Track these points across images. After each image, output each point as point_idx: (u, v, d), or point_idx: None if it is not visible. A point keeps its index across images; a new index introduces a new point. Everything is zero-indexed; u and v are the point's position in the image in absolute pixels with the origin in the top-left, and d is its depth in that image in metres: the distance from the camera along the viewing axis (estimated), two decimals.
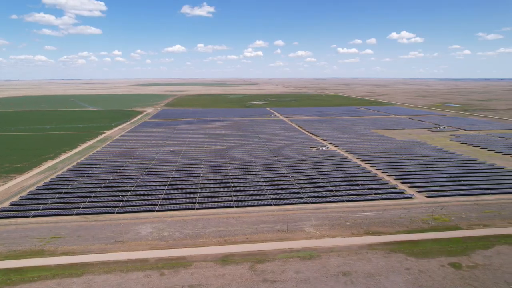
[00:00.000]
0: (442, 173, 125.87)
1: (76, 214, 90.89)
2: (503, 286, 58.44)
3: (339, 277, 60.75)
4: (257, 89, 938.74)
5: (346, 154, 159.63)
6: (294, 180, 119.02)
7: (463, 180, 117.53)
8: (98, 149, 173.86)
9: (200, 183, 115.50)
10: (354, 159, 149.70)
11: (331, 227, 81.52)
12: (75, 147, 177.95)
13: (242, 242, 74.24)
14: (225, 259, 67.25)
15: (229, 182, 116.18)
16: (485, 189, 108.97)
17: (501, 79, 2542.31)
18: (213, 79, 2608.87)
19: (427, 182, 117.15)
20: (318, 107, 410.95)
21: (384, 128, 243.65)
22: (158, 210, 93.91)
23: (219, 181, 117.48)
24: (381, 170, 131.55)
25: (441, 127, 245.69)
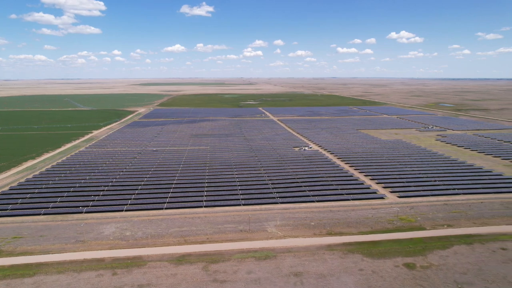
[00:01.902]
0: (419, 173, 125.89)
1: (44, 214, 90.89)
2: (452, 286, 58.47)
3: (290, 278, 60.76)
4: (254, 89, 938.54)
5: (327, 154, 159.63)
6: (269, 180, 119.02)
7: (439, 180, 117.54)
8: (82, 149, 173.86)
9: (175, 183, 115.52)
10: (335, 159, 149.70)
11: (294, 227, 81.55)
12: (59, 147, 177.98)
13: (202, 242, 74.28)
14: (181, 259, 67.29)
15: (204, 182, 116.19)
16: (458, 189, 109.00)
17: (500, 79, 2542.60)
18: (213, 79, 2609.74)
19: (403, 182, 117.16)
20: (310, 107, 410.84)
21: (372, 128, 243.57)
22: (126, 210, 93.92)
23: (194, 181, 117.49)
24: (359, 170, 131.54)
25: (429, 127, 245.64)
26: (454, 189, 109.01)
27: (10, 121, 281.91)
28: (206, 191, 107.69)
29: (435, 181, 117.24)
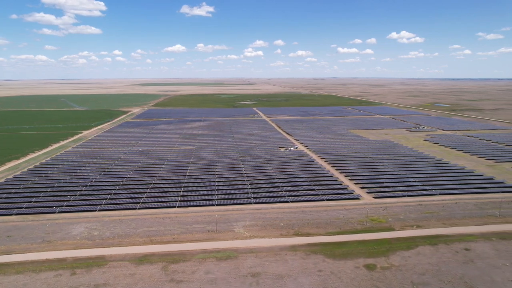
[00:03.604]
0: (400, 174, 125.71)
1: (16, 214, 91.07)
2: (408, 286, 58.38)
3: (247, 278, 60.77)
4: (252, 89, 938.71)
5: (312, 155, 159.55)
6: (248, 180, 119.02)
7: (418, 181, 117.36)
8: (69, 149, 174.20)
9: (153, 183, 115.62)
10: (318, 160, 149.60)
11: (262, 228, 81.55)
12: (46, 147, 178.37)
13: (167, 242, 74.36)
14: (143, 259, 67.38)
15: (182, 182, 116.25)
16: (435, 189, 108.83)
17: (501, 79, 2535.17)
18: (213, 79, 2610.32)
19: (382, 183, 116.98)
20: (305, 107, 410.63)
21: (363, 128, 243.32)
22: (100, 210, 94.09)
23: (173, 181, 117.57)
24: (340, 171, 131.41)
25: (420, 127, 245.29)
26: (431, 189, 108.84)
27: (2, 121, 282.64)
28: (182, 191, 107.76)
29: (414, 181, 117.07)
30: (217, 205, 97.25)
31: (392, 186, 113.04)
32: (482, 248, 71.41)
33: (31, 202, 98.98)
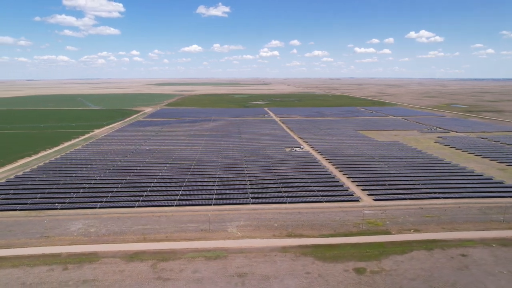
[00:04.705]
0: (404, 176, 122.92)
1: (20, 210, 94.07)
2: None
3: (233, 278, 60.77)
4: (266, 89, 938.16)
5: (316, 156, 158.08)
6: (248, 180, 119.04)
7: (422, 183, 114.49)
8: (78, 147, 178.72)
9: (155, 182, 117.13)
10: (322, 161, 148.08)
11: (256, 228, 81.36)
12: (57, 145, 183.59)
13: (160, 240, 75.23)
14: (134, 256, 68.40)
15: (183, 182, 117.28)
16: (438, 192, 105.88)
17: None
18: (228, 79, 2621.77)
19: (384, 185, 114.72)
20: (317, 107, 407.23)
21: (373, 129, 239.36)
22: (100, 207, 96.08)
23: (173, 181, 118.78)
24: (343, 172, 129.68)
25: (432, 129, 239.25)
26: (434, 192, 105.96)
27: (20, 120, 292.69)
28: (182, 190, 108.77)
29: (418, 184, 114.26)
30: (214, 204, 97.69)
31: (395, 189, 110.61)
32: (480, 254, 68.99)
33: (35, 198, 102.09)
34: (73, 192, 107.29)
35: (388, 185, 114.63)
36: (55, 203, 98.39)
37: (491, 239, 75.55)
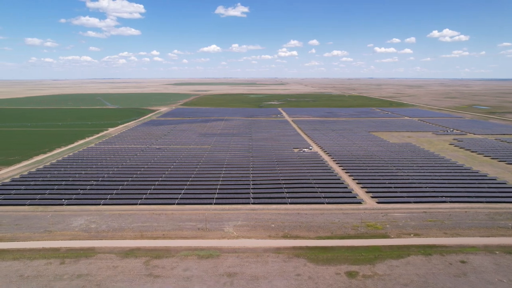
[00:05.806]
0: (412, 179, 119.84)
1: (29, 205, 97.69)
2: None
3: (222, 278, 60.98)
4: (283, 89, 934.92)
5: (324, 156, 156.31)
6: (252, 180, 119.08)
7: (429, 187, 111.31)
8: (92, 145, 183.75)
9: (160, 180, 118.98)
10: (329, 162, 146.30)
11: (252, 228, 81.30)
12: (72, 143, 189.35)
13: (156, 238, 76.38)
14: (129, 253, 69.76)
15: (187, 180, 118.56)
16: (446, 196, 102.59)
17: None
18: (246, 79, 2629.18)
19: (389, 187, 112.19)
20: (331, 108, 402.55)
21: (386, 130, 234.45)
22: (103, 204, 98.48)
23: (179, 179, 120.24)
24: (349, 174, 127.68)
25: (449, 130, 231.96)
26: (441, 196, 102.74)
27: (40, 118, 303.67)
28: (185, 189, 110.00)
29: (426, 187, 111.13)
30: (215, 203, 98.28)
31: (400, 192, 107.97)
32: (481, 261, 66.42)
33: (44, 194, 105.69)
34: (80, 189, 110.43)
35: (393, 187, 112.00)
36: (62, 199, 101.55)
37: (495, 246, 72.58)
